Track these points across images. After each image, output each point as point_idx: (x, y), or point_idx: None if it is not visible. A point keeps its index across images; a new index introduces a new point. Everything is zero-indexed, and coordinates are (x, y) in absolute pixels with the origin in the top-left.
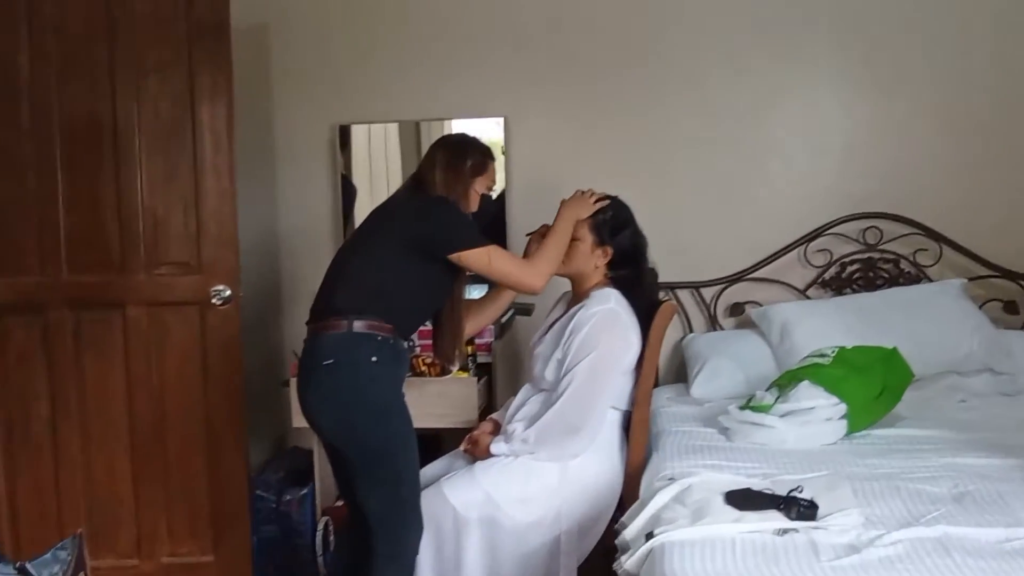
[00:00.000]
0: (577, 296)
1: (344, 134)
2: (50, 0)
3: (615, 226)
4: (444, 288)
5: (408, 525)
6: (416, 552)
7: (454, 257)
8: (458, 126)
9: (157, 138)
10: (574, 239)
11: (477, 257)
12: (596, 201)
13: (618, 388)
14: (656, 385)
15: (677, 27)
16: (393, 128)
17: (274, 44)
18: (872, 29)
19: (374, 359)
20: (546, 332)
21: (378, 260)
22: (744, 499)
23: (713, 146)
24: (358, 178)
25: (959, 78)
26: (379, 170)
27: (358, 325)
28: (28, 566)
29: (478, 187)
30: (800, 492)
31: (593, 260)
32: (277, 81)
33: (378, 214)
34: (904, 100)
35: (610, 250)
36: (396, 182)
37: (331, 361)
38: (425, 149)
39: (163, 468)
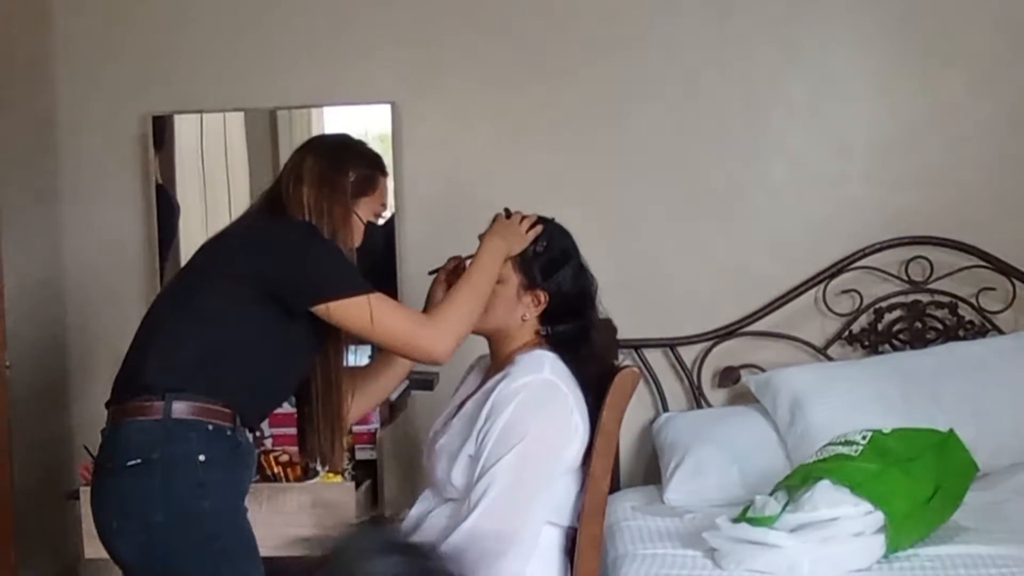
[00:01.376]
0: (497, 362)
1: (160, 128)
2: None
3: (551, 261)
4: (308, 354)
5: None
6: None
7: (320, 309)
8: (332, 116)
9: None
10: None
11: (353, 309)
12: (530, 228)
13: (557, 495)
14: (615, 488)
15: None
16: (237, 119)
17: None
18: None
19: (202, 458)
20: (452, 417)
21: (210, 313)
22: None
23: (693, 146)
24: (184, 191)
25: None
26: (216, 180)
27: (179, 408)
28: None
29: (363, 212)
30: None
31: (519, 310)
32: (60, 54)
33: (212, 247)
34: (960, 78)
35: (543, 295)
36: (241, 197)
37: (137, 461)
38: (284, 149)
39: None
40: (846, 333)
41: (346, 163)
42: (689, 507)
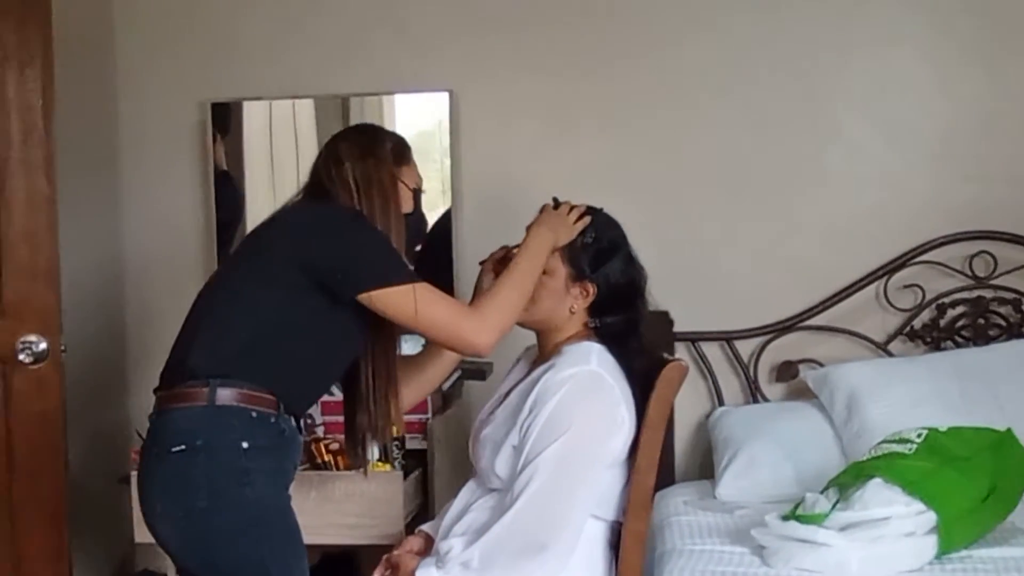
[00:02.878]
0: (544, 353)
1: (224, 115)
2: None
3: (599, 252)
4: (354, 341)
5: None
6: None
7: (364, 298)
8: (401, 104)
9: None
10: (542, 273)
11: (397, 298)
12: (579, 219)
13: (602, 488)
14: (669, 483)
15: None
16: (306, 106)
17: None
18: None
19: (245, 445)
20: (498, 406)
21: (257, 300)
22: None
23: (750, 137)
24: (251, 178)
25: None
26: (284, 166)
27: (223, 395)
28: None
29: (407, 179)
30: None
31: (567, 302)
32: (123, 41)
33: (259, 235)
34: None
35: (592, 287)
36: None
37: (181, 448)
38: None
39: None
40: (907, 328)
41: (381, 136)
42: (741, 503)
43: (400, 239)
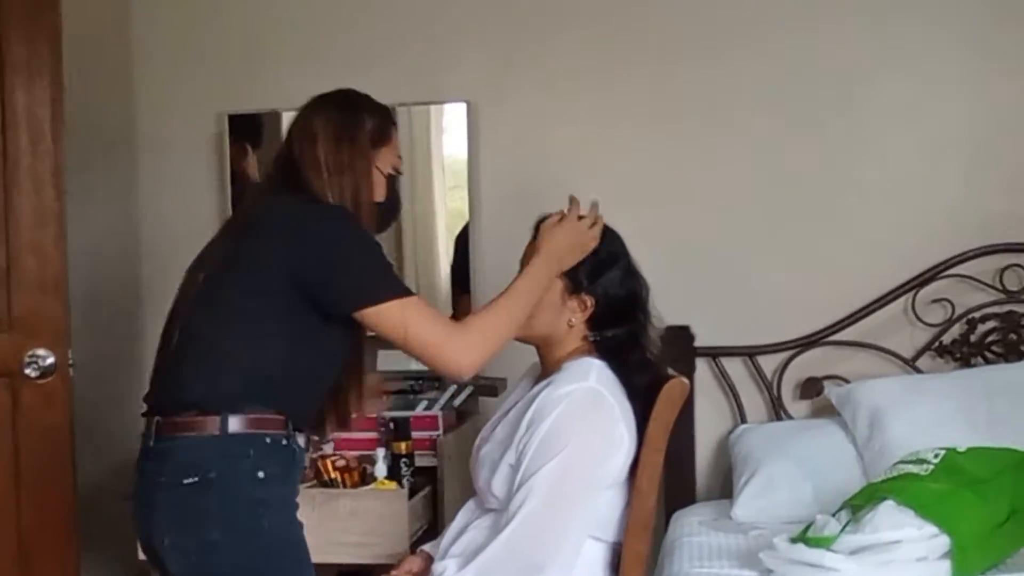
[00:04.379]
0: (546, 369)
1: (255, 127)
2: None
3: (598, 264)
4: (348, 342)
5: None
6: None
7: (357, 316)
8: (419, 113)
9: None
10: None
11: (388, 316)
12: (592, 226)
13: (601, 509)
14: (689, 502)
15: None
16: None
17: (135, 5)
18: None
19: (260, 475)
20: (498, 424)
21: (255, 321)
22: None
23: (779, 152)
24: None
25: None
26: None
27: (235, 423)
28: None
29: (382, 164)
30: None
31: (565, 315)
32: (140, 56)
33: (241, 242)
34: None
35: (590, 300)
36: None
37: (194, 480)
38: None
39: None
40: (936, 344)
41: (360, 114)
42: (757, 524)
43: (370, 227)
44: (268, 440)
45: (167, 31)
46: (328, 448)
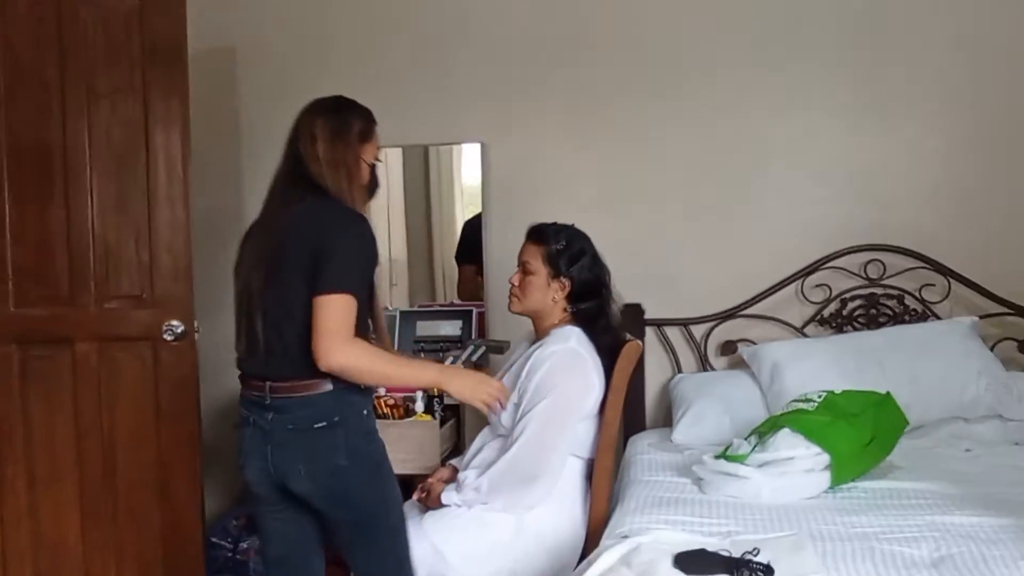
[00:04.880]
0: (538, 334)
1: None
2: None
3: (572, 256)
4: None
5: None
6: None
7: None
8: (444, 152)
9: (108, 165)
10: (528, 274)
11: (326, 301)
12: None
13: (579, 434)
14: (640, 429)
15: (670, 50)
16: (395, 154)
17: (240, 67)
18: (876, 48)
19: (365, 412)
20: (506, 373)
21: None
22: (694, 562)
23: (707, 173)
24: None
25: (971, 99)
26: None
27: (341, 382)
28: None
29: (367, 156)
30: (756, 555)
31: (550, 294)
32: (245, 106)
33: (295, 234)
34: (911, 124)
35: (567, 282)
36: (397, 211)
37: (323, 424)
38: (433, 174)
39: (113, 512)
40: (818, 316)
41: (350, 119)
42: (690, 446)
43: (360, 205)
44: (362, 388)
45: (264, 84)
46: (382, 391)
